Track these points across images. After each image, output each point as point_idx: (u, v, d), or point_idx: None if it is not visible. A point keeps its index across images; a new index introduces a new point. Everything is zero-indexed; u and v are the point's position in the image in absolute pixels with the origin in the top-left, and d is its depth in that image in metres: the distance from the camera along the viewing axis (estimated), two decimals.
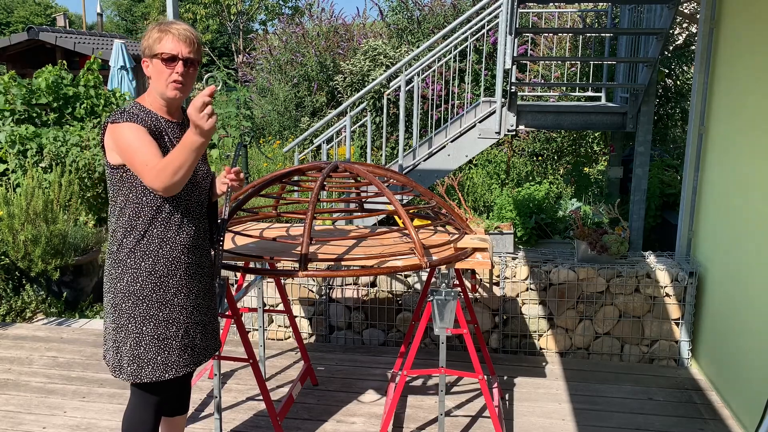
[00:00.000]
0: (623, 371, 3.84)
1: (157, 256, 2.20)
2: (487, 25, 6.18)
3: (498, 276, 3.99)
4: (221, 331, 3.86)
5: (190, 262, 2.28)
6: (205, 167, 2.33)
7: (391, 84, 7.07)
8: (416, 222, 3.51)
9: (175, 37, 2.14)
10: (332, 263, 2.87)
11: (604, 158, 8.65)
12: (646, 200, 6.03)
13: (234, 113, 9.60)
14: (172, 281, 2.23)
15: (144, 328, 2.20)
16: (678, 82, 7.58)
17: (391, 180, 3.05)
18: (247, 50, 16.20)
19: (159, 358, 2.22)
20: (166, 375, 2.24)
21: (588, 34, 7.65)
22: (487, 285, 4.02)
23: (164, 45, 2.14)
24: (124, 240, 2.19)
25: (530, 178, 8.00)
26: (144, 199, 2.17)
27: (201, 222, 2.33)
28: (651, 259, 4.10)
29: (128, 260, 2.19)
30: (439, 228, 3.28)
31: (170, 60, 2.14)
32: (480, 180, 7.88)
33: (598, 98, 7.06)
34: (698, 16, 3.94)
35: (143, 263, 2.19)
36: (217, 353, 2.76)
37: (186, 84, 2.19)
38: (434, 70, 7.05)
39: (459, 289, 3.48)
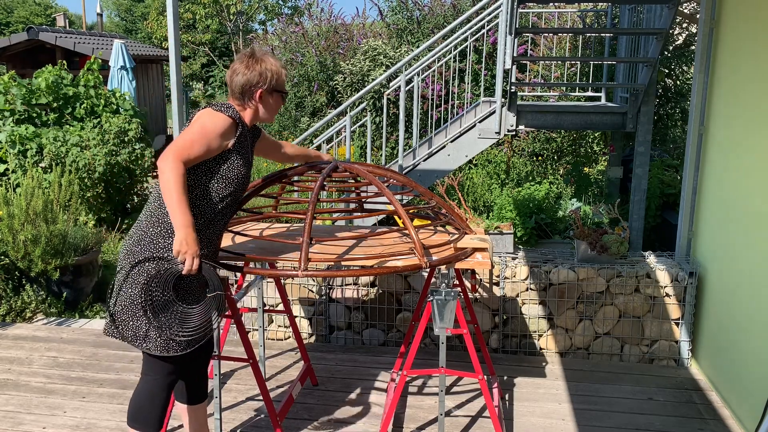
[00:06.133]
0: (623, 371, 3.84)
1: (202, 238, 2.38)
2: (487, 25, 6.18)
3: (498, 276, 3.98)
4: (221, 332, 3.86)
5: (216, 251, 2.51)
6: (249, 171, 2.53)
7: (391, 84, 7.07)
8: (416, 222, 3.51)
9: (284, 75, 2.50)
10: (332, 263, 2.87)
11: (604, 158, 8.65)
12: (646, 200, 6.03)
13: None
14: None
15: (183, 307, 2.35)
16: (678, 82, 7.59)
17: (391, 180, 3.05)
18: None
19: (185, 333, 2.37)
20: (188, 348, 2.38)
21: (588, 34, 7.65)
22: (487, 285, 4.02)
23: (283, 83, 2.48)
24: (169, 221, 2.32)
25: (530, 178, 7.99)
26: (213, 185, 2.36)
27: (228, 216, 2.53)
28: (651, 259, 4.10)
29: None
30: (439, 228, 3.28)
31: (284, 96, 2.52)
32: (480, 180, 7.87)
33: (598, 98, 7.06)
34: (698, 16, 3.94)
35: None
36: (216, 353, 2.77)
37: None
38: (434, 70, 7.05)
39: (459, 289, 3.48)
